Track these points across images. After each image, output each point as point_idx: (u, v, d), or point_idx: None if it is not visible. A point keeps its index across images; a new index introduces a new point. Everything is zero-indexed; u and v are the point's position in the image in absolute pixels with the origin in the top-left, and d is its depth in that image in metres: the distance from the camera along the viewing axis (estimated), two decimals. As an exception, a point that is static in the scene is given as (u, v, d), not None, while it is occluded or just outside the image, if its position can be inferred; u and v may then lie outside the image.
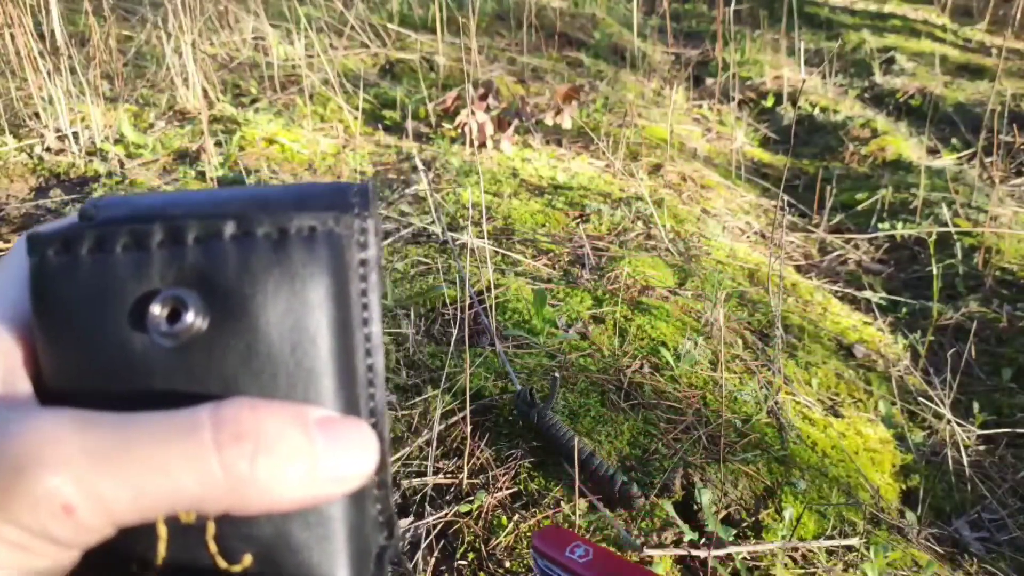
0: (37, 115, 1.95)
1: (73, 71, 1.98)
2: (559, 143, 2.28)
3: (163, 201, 0.25)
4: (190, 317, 0.22)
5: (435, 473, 0.97)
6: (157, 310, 0.23)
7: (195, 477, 0.21)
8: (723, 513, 0.96)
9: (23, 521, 0.20)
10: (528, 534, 0.88)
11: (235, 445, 0.21)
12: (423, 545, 0.88)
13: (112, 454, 0.21)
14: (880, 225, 2.06)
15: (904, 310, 1.73)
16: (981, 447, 1.29)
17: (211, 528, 0.23)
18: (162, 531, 0.23)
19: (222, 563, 0.23)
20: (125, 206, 0.25)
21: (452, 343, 1.17)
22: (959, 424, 1.27)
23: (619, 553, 0.45)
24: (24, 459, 0.20)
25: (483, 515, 0.91)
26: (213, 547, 0.23)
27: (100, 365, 0.23)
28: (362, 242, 0.25)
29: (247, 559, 0.23)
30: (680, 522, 0.91)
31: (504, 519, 0.90)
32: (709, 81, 3.39)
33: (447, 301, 1.31)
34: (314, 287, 0.24)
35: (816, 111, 3.02)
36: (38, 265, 0.23)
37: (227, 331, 0.23)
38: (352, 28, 2.78)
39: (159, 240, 0.23)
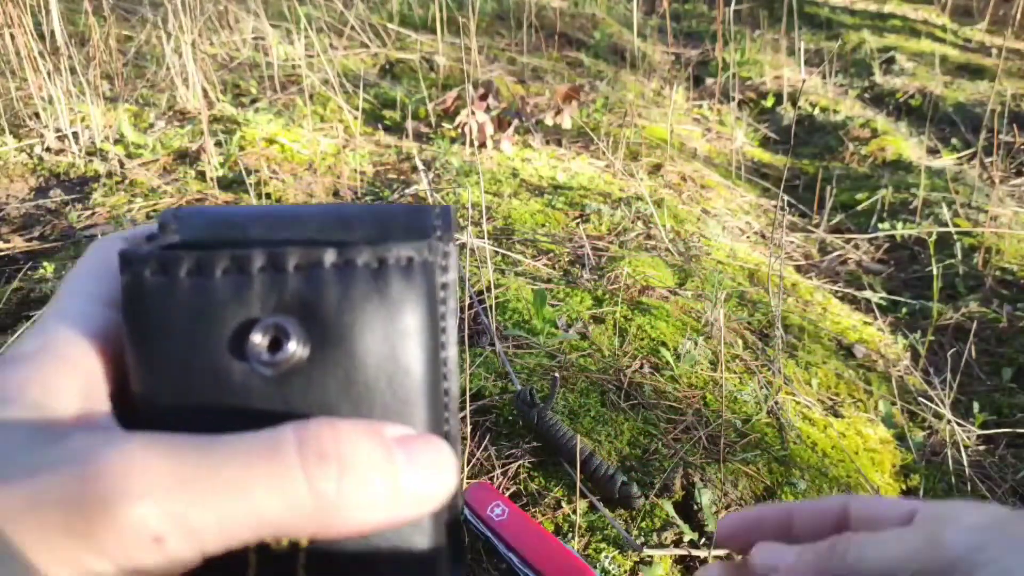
0: (37, 115, 1.95)
1: (73, 71, 1.98)
2: (559, 143, 2.28)
3: (241, 214, 0.25)
4: (292, 346, 0.22)
5: (435, 473, 0.96)
6: (258, 339, 0.22)
7: (282, 500, 0.20)
8: (723, 513, 0.96)
9: (111, 553, 0.20)
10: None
11: (321, 466, 0.21)
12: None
13: (200, 480, 0.20)
14: (880, 225, 2.06)
15: (904, 310, 1.73)
16: (981, 447, 1.29)
17: (302, 558, 0.22)
18: (252, 559, 0.22)
19: None
20: (201, 217, 0.24)
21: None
22: (959, 424, 1.27)
23: (530, 516, 0.45)
24: (111, 488, 0.20)
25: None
26: None
27: (196, 390, 0.22)
28: (444, 266, 0.25)
29: None
30: (680, 522, 0.91)
31: (504, 519, 0.90)
32: (709, 81, 3.39)
33: (447, 301, 1.31)
34: (410, 317, 0.23)
35: (816, 111, 3.02)
36: (133, 284, 0.23)
37: (326, 360, 0.23)
38: (352, 28, 2.78)
39: (260, 266, 0.23)
